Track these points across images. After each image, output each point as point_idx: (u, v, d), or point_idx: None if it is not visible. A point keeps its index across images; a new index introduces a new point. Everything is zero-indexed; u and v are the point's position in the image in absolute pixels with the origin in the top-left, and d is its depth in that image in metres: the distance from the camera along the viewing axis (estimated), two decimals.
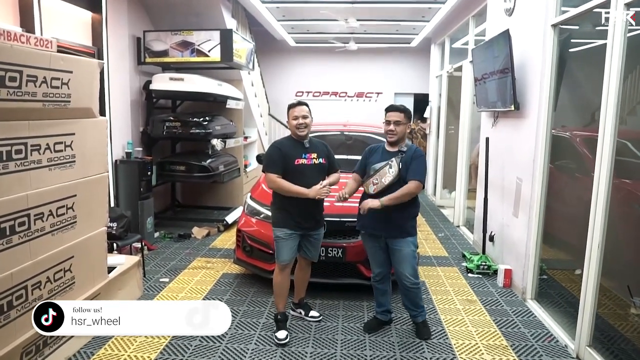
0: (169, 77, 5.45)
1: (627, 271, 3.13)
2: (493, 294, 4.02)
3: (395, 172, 3.02)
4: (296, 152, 3.19)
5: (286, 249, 3.19)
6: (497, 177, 4.60)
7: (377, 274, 3.28)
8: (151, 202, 5.25)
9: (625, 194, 3.12)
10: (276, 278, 3.26)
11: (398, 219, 3.06)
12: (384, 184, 3.03)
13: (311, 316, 3.49)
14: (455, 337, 3.25)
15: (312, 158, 3.22)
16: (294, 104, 3.25)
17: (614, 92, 2.72)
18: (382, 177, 3.04)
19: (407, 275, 3.11)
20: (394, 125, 3.08)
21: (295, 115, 3.19)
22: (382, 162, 3.08)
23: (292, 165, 3.16)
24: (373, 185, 3.07)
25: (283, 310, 3.29)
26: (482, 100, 4.88)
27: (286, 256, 3.19)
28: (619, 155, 2.82)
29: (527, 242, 3.87)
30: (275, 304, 3.33)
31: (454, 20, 7.06)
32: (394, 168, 3.03)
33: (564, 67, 3.66)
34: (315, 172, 3.22)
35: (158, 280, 4.16)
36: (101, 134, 3.24)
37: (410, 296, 3.19)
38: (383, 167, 3.05)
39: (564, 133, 3.85)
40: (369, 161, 3.18)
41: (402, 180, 3.02)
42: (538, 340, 3.21)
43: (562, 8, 3.60)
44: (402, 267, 3.11)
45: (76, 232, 2.97)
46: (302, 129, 3.18)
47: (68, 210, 2.88)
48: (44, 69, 2.53)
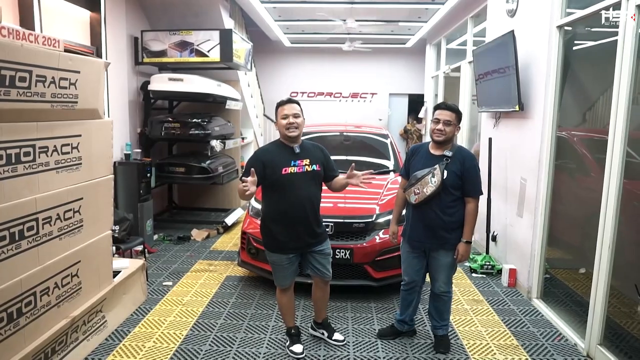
0: (168, 77, 5.38)
1: (634, 270, 3.15)
2: (499, 293, 4.03)
3: (437, 182, 2.77)
4: (283, 159, 2.78)
5: (283, 274, 2.90)
6: (500, 177, 4.62)
7: (407, 282, 3.09)
8: (150, 205, 5.18)
9: (625, 193, 3.15)
10: (280, 299, 3.01)
11: (440, 230, 2.87)
12: (425, 194, 2.81)
13: (335, 339, 3.13)
14: (466, 337, 3.24)
15: (304, 165, 2.81)
16: (284, 102, 2.83)
17: (625, 93, 2.73)
18: (424, 187, 2.81)
19: (440, 282, 2.96)
20: (444, 125, 2.82)
21: (285, 114, 2.77)
22: (424, 170, 2.84)
23: (279, 175, 2.74)
24: (414, 195, 2.87)
25: (293, 324, 3.07)
26: (484, 101, 4.89)
27: (284, 281, 2.92)
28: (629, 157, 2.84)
29: (533, 242, 3.88)
30: (284, 321, 3.12)
31: (451, 21, 7.08)
32: (436, 177, 2.78)
33: (569, 68, 3.69)
34: (309, 181, 2.83)
35: (161, 284, 4.09)
36: (106, 136, 3.17)
37: (438, 305, 3.03)
38: (425, 176, 2.82)
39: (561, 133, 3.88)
40: (412, 164, 2.98)
41: (446, 188, 2.80)
42: (548, 340, 3.22)
43: (567, 10, 3.63)
44: (438, 275, 2.96)
45: (82, 236, 2.91)
46: (292, 129, 2.76)
47: (75, 214, 2.82)
48: (53, 69, 2.47)
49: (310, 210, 2.83)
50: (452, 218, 2.84)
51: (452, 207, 2.84)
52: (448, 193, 2.81)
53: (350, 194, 3.98)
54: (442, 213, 2.83)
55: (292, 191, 2.77)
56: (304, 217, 2.81)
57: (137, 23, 5.64)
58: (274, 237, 2.84)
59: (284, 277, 2.91)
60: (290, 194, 2.77)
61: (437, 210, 2.83)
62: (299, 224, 2.81)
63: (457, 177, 2.82)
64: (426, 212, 2.87)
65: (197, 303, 3.73)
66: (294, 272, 2.95)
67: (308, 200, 2.82)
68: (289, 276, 2.92)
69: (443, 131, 2.83)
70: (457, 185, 2.83)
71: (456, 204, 2.85)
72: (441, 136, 2.85)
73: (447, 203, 2.83)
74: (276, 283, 2.97)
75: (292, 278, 2.96)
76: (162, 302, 3.73)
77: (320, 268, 2.94)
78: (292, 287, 3.02)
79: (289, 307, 3.03)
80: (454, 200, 2.83)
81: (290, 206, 2.79)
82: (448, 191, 2.81)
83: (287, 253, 2.84)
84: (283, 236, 2.81)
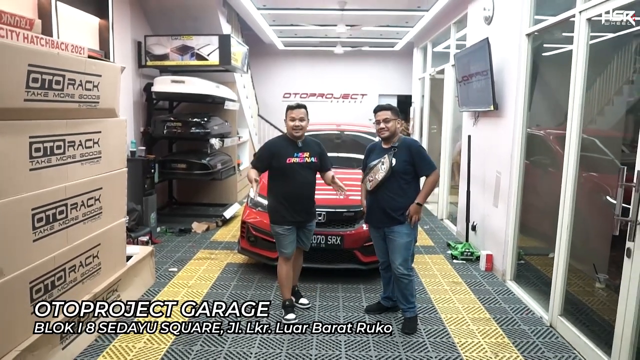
0: (170, 79, 5.72)
1: (594, 253, 3.56)
2: (476, 276, 4.44)
3: (387, 168, 3.23)
4: (288, 151, 3.38)
5: (287, 243, 3.43)
6: (479, 171, 5.03)
7: (381, 262, 3.53)
8: (154, 198, 5.52)
9: (592, 185, 3.57)
10: (281, 269, 3.48)
11: (389, 209, 3.28)
12: (377, 180, 3.27)
13: (300, 303, 3.69)
14: (444, 312, 3.64)
15: (305, 157, 3.41)
16: (293, 106, 3.43)
17: (579, 95, 3.14)
18: (376, 174, 3.28)
19: (397, 264, 3.29)
20: (384, 123, 3.29)
21: (292, 117, 3.37)
22: (376, 160, 3.32)
23: (284, 163, 3.36)
24: (369, 182, 3.35)
25: (289, 297, 3.53)
26: (464, 101, 5.31)
27: (289, 249, 3.44)
28: (590, 152, 3.25)
29: (506, 229, 4.29)
30: (281, 293, 3.54)
31: (436, 26, 7.50)
32: (385, 164, 3.24)
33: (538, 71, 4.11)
34: (307, 170, 3.43)
35: (167, 270, 4.44)
36: (121, 133, 3.54)
37: (400, 287, 3.34)
38: (376, 165, 3.30)
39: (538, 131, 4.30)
40: (368, 160, 3.43)
41: (396, 173, 3.24)
42: (517, 313, 3.63)
43: (535, 17, 4.03)
44: (394, 256, 3.31)
45: (102, 222, 3.26)
46: (298, 130, 3.37)
47: (96, 202, 3.17)
48: (80, 73, 2.83)
49: (306, 193, 3.47)
50: (403, 199, 3.28)
51: (404, 189, 3.28)
52: (398, 178, 3.27)
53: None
54: (395, 195, 3.28)
55: (293, 177, 3.39)
56: (302, 197, 3.44)
57: (140, 28, 5.98)
58: (279, 212, 3.43)
59: (286, 244, 3.43)
60: (292, 179, 3.39)
61: (390, 194, 3.28)
62: (298, 202, 3.42)
63: (407, 163, 3.26)
64: (381, 196, 3.31)
65: (202, 286, 4.09)
66: (293, 243, 3.47)
67: (306, 185, 3.46)
68: (290, 245, 3.45)
69: (385, 128, 3.30)
70: (407, 171, 3.28)
71: (407, 187, 3.30)
72: (385, 132, 3.31)
73: (398, 186, 3.27)
74: (279, 252, 3.48)
75: (292, 248, 3.47)
76: (169, 285, 4.08)
77: (304, 240, 3.58)
78: (291, 263, 3.51)
79: (287, 279, 3.50)
80: (405, 184, 3.29)
81: (292, 188, 3.41)
82: (399, 176, 3.26)
83: (288, 224, 3.42)
84: (285, 211, 3.41)
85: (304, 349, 3.07)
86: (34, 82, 2.44)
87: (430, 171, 3.31)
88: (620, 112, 3.52)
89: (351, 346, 3.10)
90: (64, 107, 2.73)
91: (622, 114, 3.53)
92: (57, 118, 2.71)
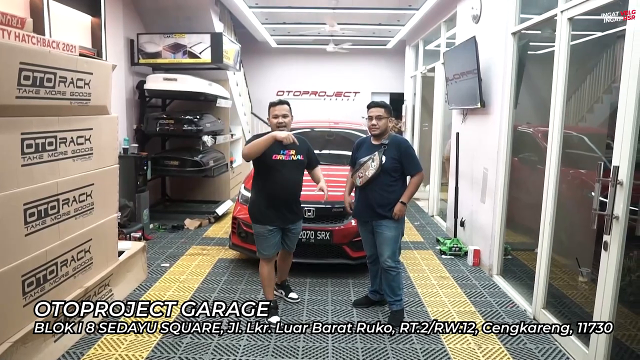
0: (163, 77, 5.77)
1: (579, 248, 3.65)
2: (464, 271, 4.52)
3: (377, 165, 3.29)
4: (274, 148, 3.24)
5: (267, 245, 3.36)
6: (467, 168, 5.11)
7: (369, 256, 3.58)
8: (147, 195, 5.56)
9: (579, 182, 3.65)
10: (262, 270, 3.43)
11: (376, 205, 3.34)
12: (367, 176, 3.32)
13: (290, 297, 3.74)
14: (430, 305, 3.72)
15: (291, 154, 3.33)
16: (275, 103, 3.38)
17: (561, 92, 3.23)
18: (366, 171, 3.33)
19: (384, 257, 3.35)
20: (376, 120, 3.34)
21: (275, 114, 3.32)
22: (366, 157, 3.37)
23: (270, 160, 3.28)
24: (359, 178, 3.38)
25: (273, 297, 3.50)
26: (453, 99, 5.39)
27: (269, 251, 3.38)
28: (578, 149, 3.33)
29: (493, 224, 4.37)
30: (264, 294, 3.52)
31: (427, 25, 7.57)
32: (376, 162, 3.29)
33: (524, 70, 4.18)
34: (294, 168, 3.36)
35: (159, 266, 4.50)
36: (113, 130, 3.59)
37: (388, 279, 3.39)
38: (367, 161, 3.34)
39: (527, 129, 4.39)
40: (357, 155, 3.49)
41: (385, 171, 3.29)
42: (502, 307, 3.71)
43: (520, 16, 4.11)
44: (382, 249, 3.37)
45: (93, 217, 3.32)
46: (281, 127, 3.30)
47: (87, 197, 3.22)
48: (72, 71, 2.88)
49: (291, 191, 3.40)
50: (391, 195, 3.34)
51: (392, 186, 3.34)
52: (387, 175, 3.33)
53: (331, 183, 4.42)
54: (383, 191, 3.33)
55: (278, 174, 3.31)
56: (286, 195, 3.36)
57: (133, 26, 6.02)
58: (260, 210, 3.37)
59: (267, 246, 3.38)
60: (277, 176, 3.32)
61: (379, 190, 3.34)
62: (281, 200, 3.35)
63: (395, 160, 3.32)
64: (370, 192, 3.38)
65: (193, 280, 4.15)
66: (276, 245, 3.42)
67: (291, 183, 3.38)
68: (271, 247, 3.39)
69: (376, 125, 3.35)
70: (395, 168, 3.34)
71: (395, 184, 3.36)
72: (376, 130, 3.36)
73: (387, 183, 3.33)
74: (259, 254, 3.44)
75: (274, 250, 3.43)
76: (161, 280, 4.14)
77: (289, 244, 3.55)
78: (274, 260, 3.50)
79: (269, 279, 3.45)
80: (393, 181, 3.34)
81: (276, 185, 3.34)
82: (387, 173, 3.32)
83: (269, 224, 3.35)
84: (267, 210, 3.35)
85: (291, 341, 3.13)
86: (26, 80, 2.49)
87: (415, 171, 3.37)
88: (607, 110, 3.60)
89: (338, 338, 3.16)
90: (55, 104, 2.78)
91: (609, 113, 3.61)
92: (49, 115, 2.76)
